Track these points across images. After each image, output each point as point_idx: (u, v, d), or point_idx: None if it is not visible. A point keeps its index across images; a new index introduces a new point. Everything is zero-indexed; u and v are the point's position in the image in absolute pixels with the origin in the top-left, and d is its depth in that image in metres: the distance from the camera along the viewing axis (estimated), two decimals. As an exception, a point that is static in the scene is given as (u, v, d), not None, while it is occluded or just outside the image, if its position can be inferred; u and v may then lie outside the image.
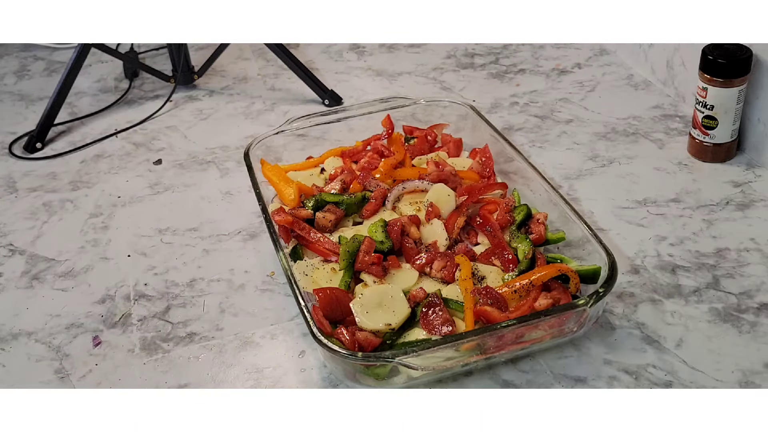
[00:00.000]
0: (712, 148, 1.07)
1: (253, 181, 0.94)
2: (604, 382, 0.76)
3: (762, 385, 0.75)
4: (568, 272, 0.82)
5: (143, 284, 0.92)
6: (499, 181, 1.01)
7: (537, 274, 0.82)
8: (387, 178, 0.99)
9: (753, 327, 0.81)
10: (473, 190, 0.96)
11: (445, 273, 0.85)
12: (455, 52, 1.45)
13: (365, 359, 0.72)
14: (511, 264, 0.86)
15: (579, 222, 0.86)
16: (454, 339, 0.74)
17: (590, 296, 0.76)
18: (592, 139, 1.16)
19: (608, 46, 1.42)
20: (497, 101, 1.28)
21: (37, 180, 1.13)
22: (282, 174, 0.98)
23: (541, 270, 0.82)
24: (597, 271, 0.82)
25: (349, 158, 1.04)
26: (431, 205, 0.93)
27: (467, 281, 0.83)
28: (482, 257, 0.88)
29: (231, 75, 1.41)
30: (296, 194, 0.94)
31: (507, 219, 0.92)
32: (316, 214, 0.91)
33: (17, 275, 0.95)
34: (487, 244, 0.90)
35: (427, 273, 0.86)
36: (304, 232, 0.89)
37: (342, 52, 1.48)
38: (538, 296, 0.80)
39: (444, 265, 0.85)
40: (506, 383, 0.77)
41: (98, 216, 1.05)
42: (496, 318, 0.77)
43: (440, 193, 0.94)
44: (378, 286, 0.83)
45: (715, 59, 1.02)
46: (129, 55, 1.36)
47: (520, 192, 0.98)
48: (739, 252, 0.91)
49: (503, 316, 0.78)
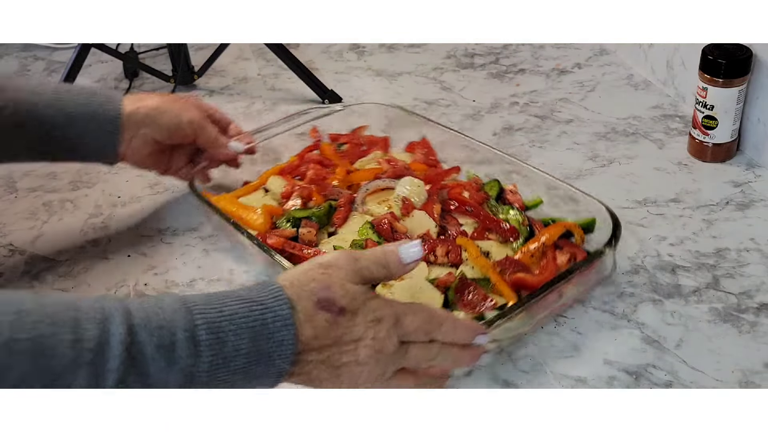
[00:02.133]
0: (712, 148, 1.08)
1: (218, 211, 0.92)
2: (604, 382, 0.76)
3: (762, 385, 0.74)
4: (572, 228, 0.87)
5: (143, 284, 0.92)
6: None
7: (546, 235, 0.85)
8: (345, 184, 0.99)
9: (753, 327, 0.81)
10: (435, 178, 0.97)
11: (452, 257, 0.86)
12: (455, 52, 1.45)
13: None
14: (511, 233, 0.88)
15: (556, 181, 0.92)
16: (528, 299, 0.75)
17: (610, 239, 0.81)
18: (592, 139, 1.16)
19: (608, 46, 1.42)
20: (497, 101, 1.28)
21: (37, 180, 1.13)
22: (236, 202, 0.96)
23: (548, 230, 0.86)
24: (592, 222, 0.88)
25: (289, 174, 1.02)
26: (405, 200, 0.93)
27: (480, 258, 0.84)
28: (477, 235, 0.89)
29: (231, 75, 1.41)
30: (267, 217, 0.92)
31: (482, 196, 0.94)
32: (299, 230, 0.90)
33: (17, 275, 0.95)
34: (469, 225, 0.91)
35: (432, 261, 0.86)
36: (296, 250, 0.87)
37: (342, 52, 1.48)
38: (554, 255, 0.84)
39: (447, 250, 0.86)
40: (506, 383, 0.77)
41: (98, 216, 1.05)
42: (532, 282, 0.80)
43: (410, 186, 0.95)
44: (402, 282, 0.82)
45: (715, 59, 1.02)
46: (129, 55, 1.36)
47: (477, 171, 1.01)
48: (739, 252, 0.91)
49: (538, 278, 0.81)
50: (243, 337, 0.57)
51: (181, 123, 0.93)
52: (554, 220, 0.91)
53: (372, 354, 0.62)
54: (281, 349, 0.59)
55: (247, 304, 0.58)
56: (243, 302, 0.59)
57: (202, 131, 0.95)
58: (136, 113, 0.91)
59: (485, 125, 1.21)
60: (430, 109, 1.27)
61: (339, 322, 0.61)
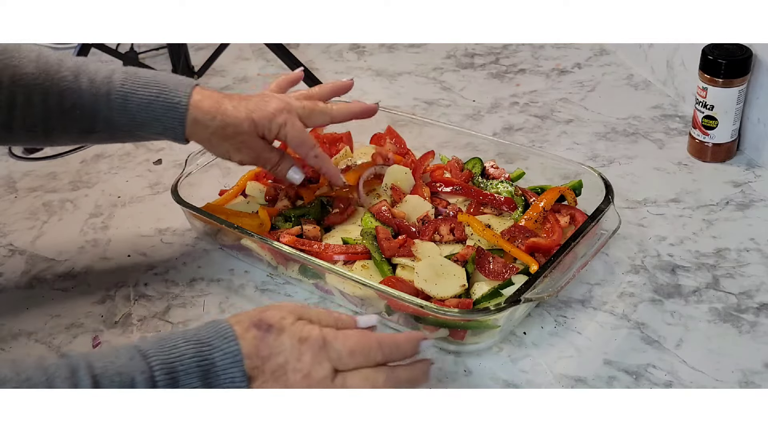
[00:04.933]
0: (712, 148, 1.07)
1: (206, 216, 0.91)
2: (604, 382, 0.76)
3: (762, 385, 0.75)
4: (565, 192, 0.92)
5: (143, 284, 0.92)
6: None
7: (544, 200, 0.90)
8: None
9: (753, 327, 0.81)
10: (416, 164, 1.00)
11: (457, 233, 0.88)
12: (455, 52, 1.45)
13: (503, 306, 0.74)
14: (506, 204, 0.92)
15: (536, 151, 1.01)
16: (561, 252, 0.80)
17: (606, 196, 0.87)
18: (592, 139, 1.16)
19: (608, 46, 1.42)
20: (497, 101, 1.28)
21: (37, 180, 1.13)
22: (224, 210, 0.96)
23: (545, 196, 0.91)
24: (579, 184, 0.93)
25: (266, 178, 1.02)
26: (393, 187, 0.95)
27: (487, 231, 0.87)
28: (474, 211, 0.93)
29: (231, 75, 1.41)
30: (267, 219, 0.93)
31: (467, 174, 0.98)
32: (303, 228, 0.90)
33: (17, 275, 0.95)
34: (459, 204, 0.94)
35: (438, 240, 0.88)
36: (307, 246, 0.87)
37: (342, 52, 1.48)
38: (555, 218, 0.89)
39: (451, 227, 0.88)
40: (506, 383, 0.77)
41: (98, 216, 1.05)
42: (546, 244, 0.84)
43: (397, 174, 0.97)
44: (423, 262, 0.83)
45: (715, 59, 1.02)
46: (129, 55, 1.36)
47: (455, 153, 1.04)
48: (739, 252, 0.91)
49: (550, 240, 0.85)
50: (193, 375, 0.59)
51: (234, 157, 0.88)
52: (543, 187, 0.95)
53: (299, 380, 0.62)
54: (232, 385, 0.60)
55: (196, 346, 0.61)
56: (192, 344, 0.61)
57: (259, 162, 0.90)
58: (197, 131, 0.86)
59: (485, 125, 1.21)
60: (430, 109, 1.27)
61: (266, 339, 0.62)
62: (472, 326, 0.77)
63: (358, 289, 0.81)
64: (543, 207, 0.89)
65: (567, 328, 0.82)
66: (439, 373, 0.78)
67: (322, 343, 0.63)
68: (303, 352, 0.62)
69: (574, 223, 0.89)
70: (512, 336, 0.81)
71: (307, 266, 0.86)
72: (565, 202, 0.93)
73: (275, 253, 0.88)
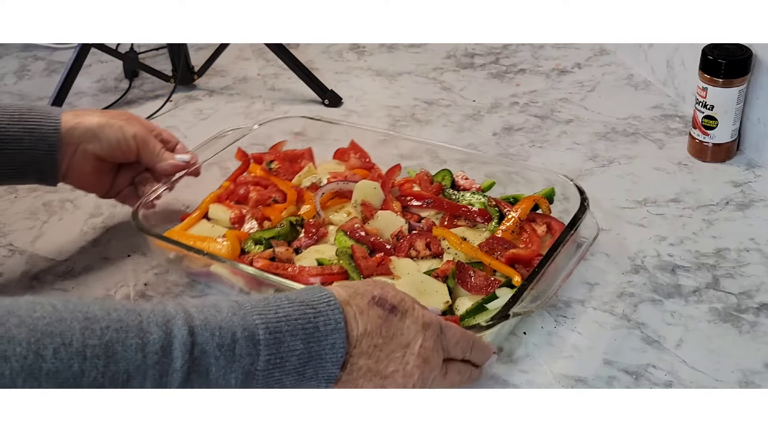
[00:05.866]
0: (712, 148, 1.08)
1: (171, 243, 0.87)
2: (604, 382, 0.76)
3: (762, 385, 0.74)
4: (539, 200, 0.91)
5: (143, 284, 0.92)
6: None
7: (519, 209, 0.89)
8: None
9: (753, 327, 0.81)
10: (384, 179, 0.99)
11: (434, 248, 0.86)
12: (455, 52, 1.45)
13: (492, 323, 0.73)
14: (481, 215, 0.91)
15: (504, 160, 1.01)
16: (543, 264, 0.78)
17: (582, 202, 0.87)
18: (592, 139, 1.16)
19: (608, 46, 1.42)
20: (497, 101, 1.28)
21: (37, 180, 1.13)
22: (189, 236, 0.91)
23: (519, 206, 0.90)
24: (552, 192, 0.93)
25: (228, 200, 0.98)
26: (364, 203, 0.93)
27: (464, 244, 0.86)
28: (448, 224, 0.91)
29: (231, 75, 1.42)
30: (236, 243, 0.88)
31: (437, 187, 0.96)
32: (275, 251, 0.87)
33: (17, 275, 0.95)
34: (431, 217, 0.93)
35: (415, 256, 0.86)
36: (281, 270, 0.84)
37: (342, 52, 1.48)
38: (532, 227, 0.88)
39: (426, 242, 0.87)
40: (506, 383, 0.77)
41: (98, 216, 1.05)
42: (526, 255, 0.83)
43: (366, 189, 0.94)
44: (403, 280, 0.82)
45: (715, 59, 1.02)
46: (129, 55, 1.36)
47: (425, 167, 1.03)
48: (739, 252, 0.91)
49: (529, 251, 0.84)
50: (297, 337, 0.58)
51: (125, 137, 0.89)
52: (515, 197, 0.94)
53: (419, 364, 0.63)
54: (332, 352, 0.60)
55: (301, 308, 0.60)
56: (297, 305, 0.60)
57: (145, 146, 0.91)
58: (76, 128, 0.87)
59: (485, 125, 1.21)
60: (430, 110, 1.27)
61: (390, 319, 0.63)
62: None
63: None
64: (518, 217, 0.88)
65: (567, 328, 0.82)
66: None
67: (440, 330, 0.65)
68: (427, 337, 0.64)
69: (551, 232, 0.88)
70: (512, 336, 0.81)
71: (284, 291, 0.80)
72: (539, 210, 0.91)
73: (248, 278, 0.84)
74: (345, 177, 0.99)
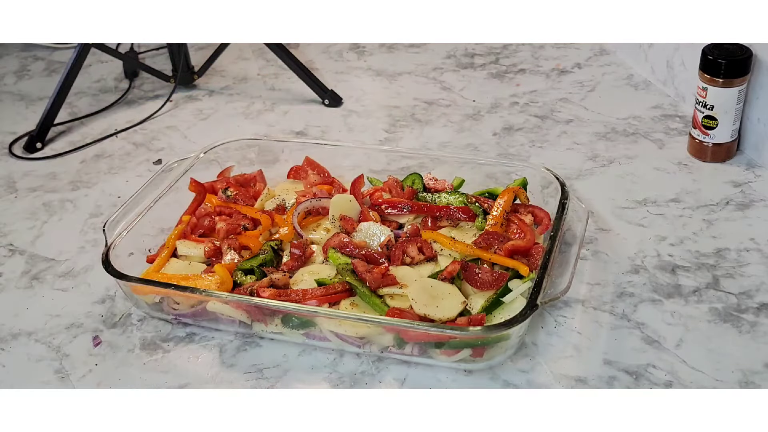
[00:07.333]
0: (712, 148, 1.07)
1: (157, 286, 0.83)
2: (604, 382, 0.76)
3: (762, 385, 0.74)
4: (517, 191, 0.93)
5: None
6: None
7: (501, 202, 0.90)
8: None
9: (753, 327, 0.81)
10: (354, 191, 0.97)
11: (427, 252, 0.87)
12: (455, 52, 1.45)
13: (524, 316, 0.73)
14: (464, 213, 0.92)
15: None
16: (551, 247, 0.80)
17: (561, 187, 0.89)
18: (592, 139, 1.16)
19: (608, 46, 1.42)
20: (497, 101, 1.28)
21: (37, 180, 1.13)
22: (171, 276, 0.86)
23: (501, 198, 0.91)
24: (524, 181, 0.95)
25: (193, 234, 0.95)
26: (342, 218, 0.92)
27: (458, 243, 0.86)
28: (431, 227, 0.92)
29: (231, 75, 1.42)
30: (228, 276, 0.85)
31: (410, 191, 0.97)
32: (271, 278, 0.84)
33: (17, 275, 0.95)
34: (409, 222, 0.93)
35: (410, 263, 0.86)
36: (285, 296, 0.81)
37: (342, 52, 1.48)
38: (518, 217, 0.90)
39: (418, 247, 0.87)
40: (506, 383, 0.77)
41: (98, 216, 1.05)
42: (524, 245, 0.84)
43: (342, 203, 0.93)
44: (412, 287, 0.81)
45: (715, 59, 1.02)
46: (129, 55, 1.36)
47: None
48: (739, 252, 0.91)
49: (526, 240, 0.85)
50: None
51: None
52: (490, 191, 0.96)
53: None
54: None
55: None
56: None
57: None
58: None
59: (485, 125, 1.21)
60: (430, 110, 1.27)
61: None
62: (494, 341, 0.75)
63: (360, 328, 0.77)
64: (504, 210, 0.89)
65: (567, 328, 0.82)
66: (438, 374, 0.78)
67: None
68: None
69: (536, 220, 0.90)
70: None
71: (293, 316, 0.80)
72: (517, 201, 0.93)
73: (252, 310, 0.81)
74: (314, 194, 0.96)
